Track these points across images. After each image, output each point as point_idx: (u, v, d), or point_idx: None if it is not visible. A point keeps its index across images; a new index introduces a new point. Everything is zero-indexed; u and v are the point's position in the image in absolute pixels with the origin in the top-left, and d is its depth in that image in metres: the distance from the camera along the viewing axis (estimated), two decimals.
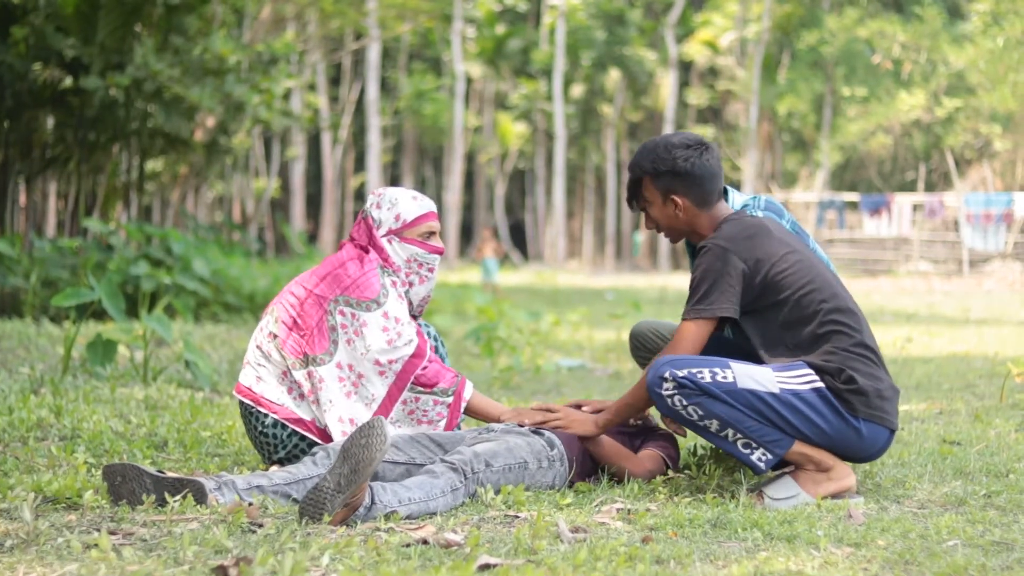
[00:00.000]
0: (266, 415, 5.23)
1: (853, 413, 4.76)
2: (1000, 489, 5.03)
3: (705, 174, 5.04)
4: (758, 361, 4.89)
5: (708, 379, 4.68)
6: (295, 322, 5.26)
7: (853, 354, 4.79)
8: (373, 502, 4.31)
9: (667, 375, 4.71)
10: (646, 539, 4.10)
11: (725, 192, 5.30)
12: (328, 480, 4.22)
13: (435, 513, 4.49)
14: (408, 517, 4.38)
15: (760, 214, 5.29)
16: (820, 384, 4.75)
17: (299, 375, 5.23)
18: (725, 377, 4.69)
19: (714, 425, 4.73)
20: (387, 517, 4.31)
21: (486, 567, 3.70)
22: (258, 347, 5.37)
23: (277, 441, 5.24)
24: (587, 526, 4.32)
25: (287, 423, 5.20)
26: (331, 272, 5.33)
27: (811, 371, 4.77)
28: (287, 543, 3.92)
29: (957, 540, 4.17)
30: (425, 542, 3.99)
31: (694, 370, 4.70)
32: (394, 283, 5.35)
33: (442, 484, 4.58)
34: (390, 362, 5.16)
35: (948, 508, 4.77)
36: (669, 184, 5.06)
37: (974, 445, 6.33)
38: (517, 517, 4.46)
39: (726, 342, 5.25)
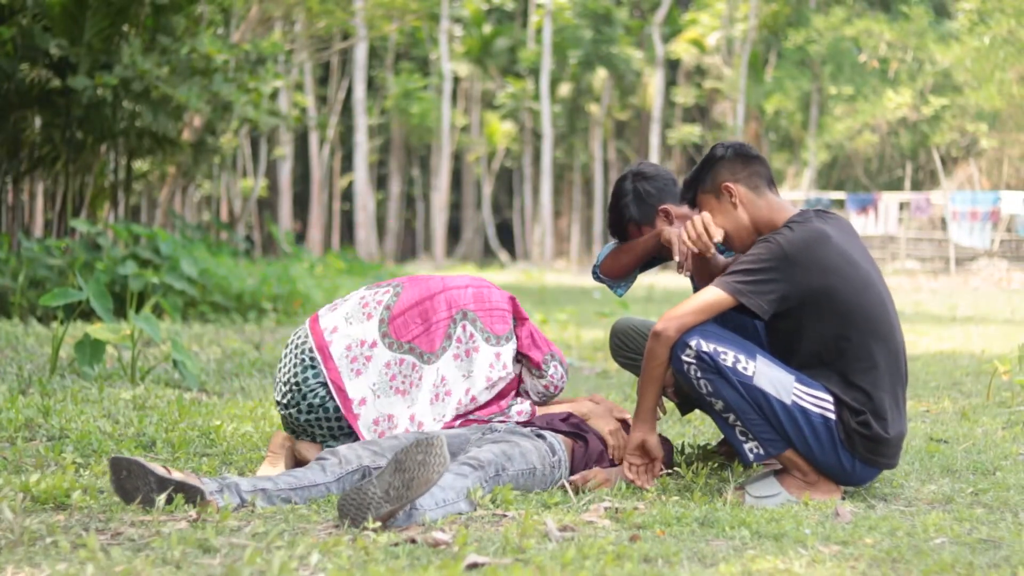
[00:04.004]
0: (319, 374, 5.20)
1: (852, 452, 4.75)
2: (987, 487, 5.05)
3: (745, 155, 5.03)
4: (785, 359, 4.89)
5: (729, 363, 4.69)
6: (417, 305, 5.27)
7: (880, 396, 4.76)
8: (414, 506, 4.30)
9: (692, 343, 4.72)
10: (634, 538, 4.11)
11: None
12: (375, 485, 4.17)
13: (462, 513, 4.50)
14: (442, 518, 4.40)
15: None
16: (832, 415, 4.73)
17: (387, 355, 5.22)
18: (746, 368, 4.69)
19: (719, 405, 4.74)
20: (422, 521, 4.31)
21: (474, 566, 3.70)
22: (364, 305, 5.35)
23: (305, 403, 5.23)
24: (575, 525, 4.32)
25: (331, 384, 5.16)
26: (475, 286, 5.38)
27: (831, 399, 4.75)
28: (275, 542, 3.92)
29: (944, 538, 4.18)
30: (413, 541, 3.99)
31: (720, 349, 4.70)
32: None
33: (470, 484, 4.58)
34: (473, 399, 5.20)
35: (935, 506, 4.78)
36: (717, 176, 5.02)
37: (961, 443, 6.35)
38: (505, 516, 4.46)
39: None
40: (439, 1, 45.75)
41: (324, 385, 5.19)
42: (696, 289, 5.47)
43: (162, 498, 4.29)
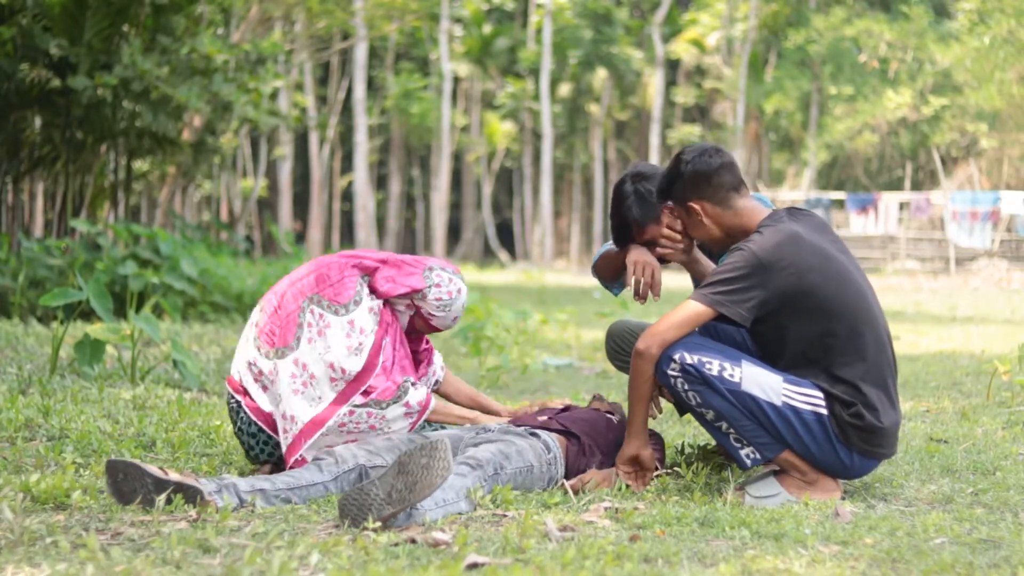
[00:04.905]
0: (245, 409, 5.23)
1: (847, 444, 4.75)
2: (987, 487, 5.06)
3: (708, 170, 5.00)
4: (771, 362, 4.89)
5: (715, 372, 4.70)
6: (275, 312, 5.27)
7: (869, 388, 4.76)
8: (414, 506, 4.30)
9: (676, 357, 4.73)
10: (634, 538, 4.11)
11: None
12: (378, 487, 4.18)
13: (462, 513, 4.50)
14: (442, 518, 4.41)
15: None
16: (823, 410, 4.74)
17: (267, 365, 5.23)
18: (732, 375, 4.70)
19: (710, 414, 4.75)
20: (423, 522, 4.31)
21: (474, 566, 3.70)
22: (245, 336, 5.40)
23: (255, 441, 5.23)
24: (575, 525, 4.33)
25: (249, 412, 5.20)
26: (316, 269, 5.33)
27: (821, 395, 4.76)
28: (275, 542, 3.93)
29: (944, 538, 4.18)
30: (413, 541, 3.99)
31: (705, 359, 4.72)
32: (371, 297, 5.33)
33: (469, 483, 4.59)
34: (343, 371, 5.15)
35: (935, 506, 4.78)
36: (682, 194, 5.04)
37: (961, 443, 6.35)
38: (505, 516, 4.46)
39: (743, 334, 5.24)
40: (439, 1, 45.73)
41: (248, 411, 5.24)
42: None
43: (162, 498, 4.30)
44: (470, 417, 5.52)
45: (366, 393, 5.17)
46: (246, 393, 5.26)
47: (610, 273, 5.89)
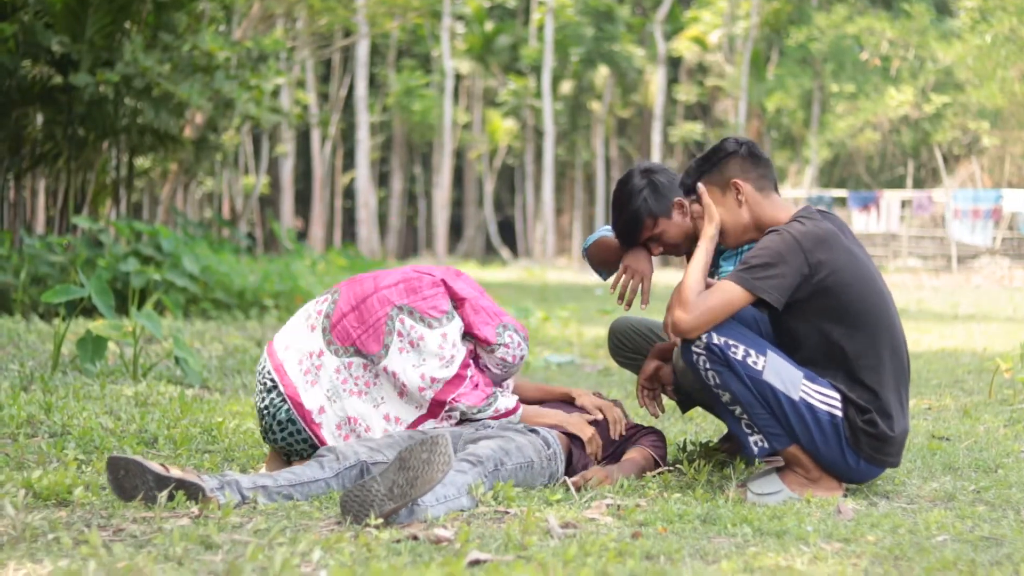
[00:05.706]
0: (280, 393, 5.22)
1: (856, 450, 4.75)
2: (989, 485, 5.05)
3: (757, 155, 5.02)
4: (788, 354, 4.88)
5: (739, 357, 4.68)
6: (354, 310, 5.26)
7: (887, 395, 4.77)
8: (416, 503, 4.29)
9: (703, 335, 4.71)
10: (636, 535, 4.11)
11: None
12: (379, 482, 4.18)
13: (464, 509, 4.50)
14: (444, 514, 4.40)
15: None
16: (839, 413, 4.74)
17: (333, 361, 5.22)
18: (756, 363, 4.68)
19: (726, 396, 4.74)
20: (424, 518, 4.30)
21: (476, 563, 3.70)
22: (307, 318, 5.37)
23: (276, 422, 5.22)
24: (577, 522, 4.32)
25: (289, 401, 5.17)
26: (406, 279, 5.35)
27: (838, 397, 4.76)
28: (277, 539, 3.92)
29: (946, 535, 4.18)
30: (415, 538, 3.99)
31: (731, 342, 4.70)
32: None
33: (470, 480, 4.59)
34: (432, 380, 5.16)
35: (937, 503, 4.78)
36: (725, 171, 5.00)
37: (963, 441, 6.35)
38: (507, 513, 4.46)
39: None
40: None
41: (286, 400, 5.21)
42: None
43: (163, 495, 4.30)
44: (557, 423, 5.44)
45: (454, 401, 5.21)
46: (285, 375, 5.24)
47: (602, 261, 5.88)
